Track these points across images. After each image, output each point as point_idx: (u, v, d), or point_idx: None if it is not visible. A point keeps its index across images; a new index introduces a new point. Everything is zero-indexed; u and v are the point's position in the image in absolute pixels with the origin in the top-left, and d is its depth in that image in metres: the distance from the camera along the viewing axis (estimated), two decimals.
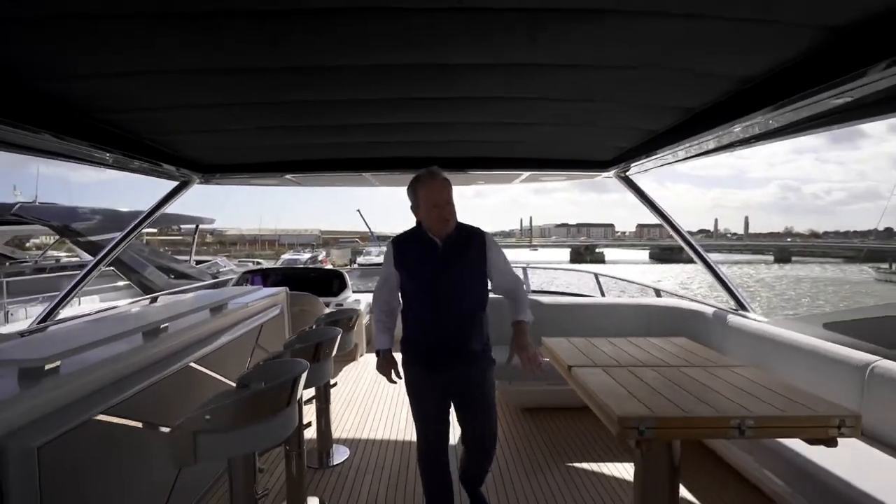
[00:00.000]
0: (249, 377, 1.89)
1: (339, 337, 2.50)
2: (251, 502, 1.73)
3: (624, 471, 2.86)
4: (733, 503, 2.50)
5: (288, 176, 4.47)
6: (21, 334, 3.14)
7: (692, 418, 1.72)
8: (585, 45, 1.82)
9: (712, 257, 3.97)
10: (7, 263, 12.14)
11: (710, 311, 3.80)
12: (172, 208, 4.62)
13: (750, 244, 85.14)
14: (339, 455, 3.01)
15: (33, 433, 1.47)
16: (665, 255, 62.90)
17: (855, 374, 2.37)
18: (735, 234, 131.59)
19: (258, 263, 22.82)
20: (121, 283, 11.89)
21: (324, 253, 44.24)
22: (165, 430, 2.06)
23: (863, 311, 2.68)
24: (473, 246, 2.08)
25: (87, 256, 14.09)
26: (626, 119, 2.86)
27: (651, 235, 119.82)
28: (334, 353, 2.47)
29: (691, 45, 1.81)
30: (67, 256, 15.53)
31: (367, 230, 70.43)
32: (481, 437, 2.22)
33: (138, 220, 4.31)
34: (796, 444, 2.14)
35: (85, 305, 8.65)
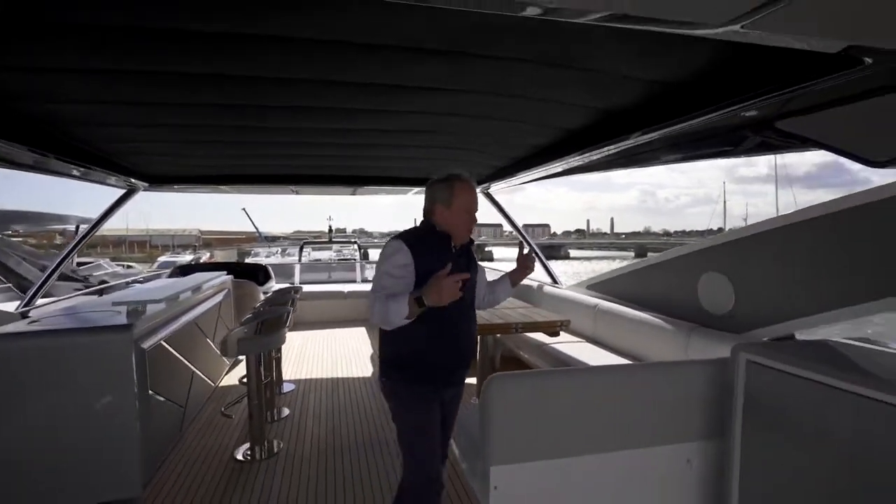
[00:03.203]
0: (251, 317, 3.22)
1: (297, 298, 3.87)
2: (261, 384, 3.08)
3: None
4: None
5: (225, 187, 5.54)
6: (22, 314, 3.97)
7: (492, 324, 3.46)
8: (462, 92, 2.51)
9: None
10: None
11: (535, 284, 5.76)
12: (31, 206, 5.18)
13: (616, 242, 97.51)
14: (288, 387, 4.36)
15: (144, 341, 2.70)
16: (546, 252, 69.15)
17: (591, 310, 4.35)
18: (605, 232, 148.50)
19: (129, 266, 21.89)
20: None
21: (207, 254, 41.86)
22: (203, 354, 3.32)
23: (600, 276, 4.69)
24: (472, 256, 2.01)
25: None
26: (483, 156, 4.29)
27: (534, 234, 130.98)
28: (294, 310, 3.83)
29: (530, 99, 2.58)
30: None
31: (255, 230, 67.27)
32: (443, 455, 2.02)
33: (91, 225, 5.12)
34: (563, 347, 4.00)
35: None
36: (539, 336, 4.16)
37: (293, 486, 2.74)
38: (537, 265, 5.90)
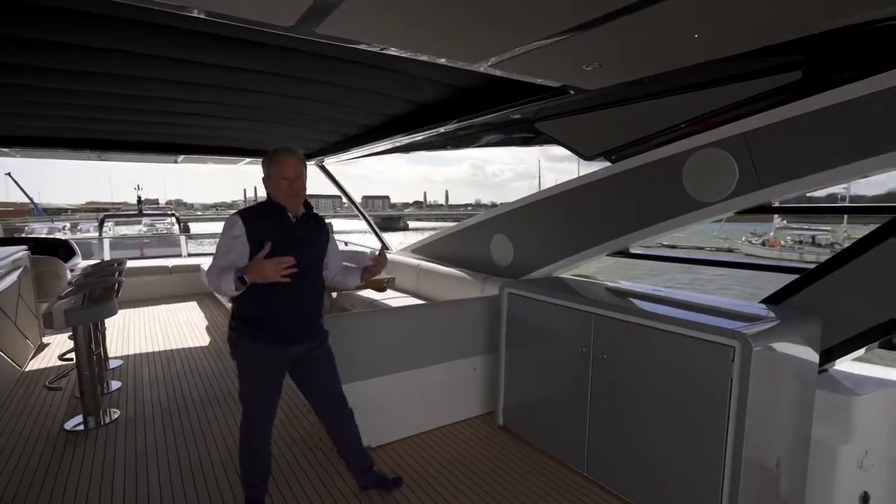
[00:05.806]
0: (73, 289, 3.14)
1: (124, 270, 3.77)
2: (91, 355, 3.07)
3: None
4: None
5: (5, 149, 4.83)
6: None
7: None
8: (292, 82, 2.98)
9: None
10: None
11: (369, 250, 6.35)
12: None
13: (450, 213, 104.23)
14: (115, 363, 4.21)
15: None
16: (387, 223, 71.44)
17: (415, 269, 5.11)
18: (441, 204, 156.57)
19: None
20: None
21: None
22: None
23: (420, 242, 5.49)
24: (322, 230, 2.20)
25: None
26: (316, 132, 4.71)
27: (375, 206, 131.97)
28: (122, 281, 3.72)
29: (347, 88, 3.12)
30: None
31: (28, 200, 53.90)
32: (339, 401, 2.28)
33: None
34: (391, 301, 4.67)
35: None
36: (371, 294, 4.77)
37: (140, 441, 2.88)
38: (373, 235, 6.53)
